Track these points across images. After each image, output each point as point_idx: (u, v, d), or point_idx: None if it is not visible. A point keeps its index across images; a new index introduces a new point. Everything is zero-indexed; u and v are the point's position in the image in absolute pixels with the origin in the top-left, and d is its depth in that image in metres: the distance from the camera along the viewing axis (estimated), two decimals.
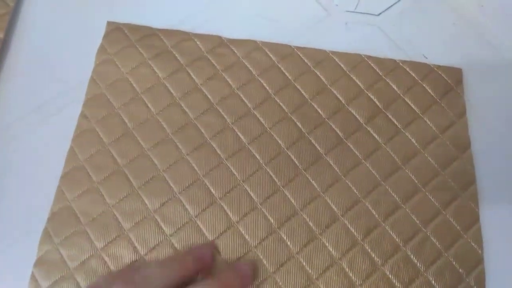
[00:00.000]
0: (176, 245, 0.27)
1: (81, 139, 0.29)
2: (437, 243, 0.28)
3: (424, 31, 0.35)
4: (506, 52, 0.34)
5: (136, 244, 0.27)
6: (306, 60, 0.32)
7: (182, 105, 0.31)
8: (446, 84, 0.32)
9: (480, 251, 0.28)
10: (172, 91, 0.31)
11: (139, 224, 0.27)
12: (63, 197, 0.28)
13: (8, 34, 0.32)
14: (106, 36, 0.32)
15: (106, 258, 0.26)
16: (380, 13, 0.35)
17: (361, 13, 0.35)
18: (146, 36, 0.32)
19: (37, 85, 0.31)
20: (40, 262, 0.26)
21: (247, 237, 0.27)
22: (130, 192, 0.28)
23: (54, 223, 0.27)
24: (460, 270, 0.27)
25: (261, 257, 0.27)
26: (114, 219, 0.27)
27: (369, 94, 0.32)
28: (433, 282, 0.27)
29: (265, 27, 0.34)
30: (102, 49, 0.31)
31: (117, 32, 0.32)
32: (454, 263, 0.27)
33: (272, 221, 0.28)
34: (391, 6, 0.35)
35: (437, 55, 0.34)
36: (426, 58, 0.33)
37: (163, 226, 0.27)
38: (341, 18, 0.35)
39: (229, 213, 0.28)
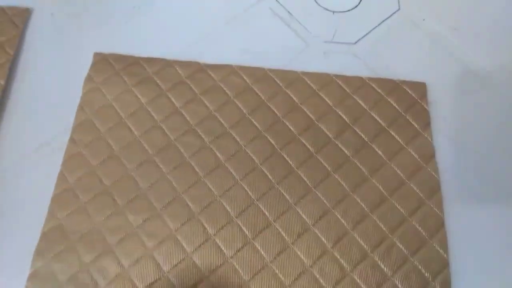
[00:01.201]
0: (157, 258, 0.29)
1: (70, 163, 0.32)
2: (404, 249, 0.29)
3: (399, 57, 0.37)
4: (478, 72, 0.36)
5: (121, 258, 0.29)
6: (278, 81, 0.35)
7: (163, 127, 0.33)
8: (411, 98, 0.34)
9: (445, 255, 0.29)
10: (153, 115, 0.33)
11: (123, 240, 0.29)
12: (54, 216, 0.30)
13: (8, 80, 0.35)
14: (92, 66, 0.35)
15: (93, 272, 0.28)
16: (357, 41, 0.37)
17: (338, 42, 0.37)
18: (130, 64, 0.35)
19: (38, 124, 0.33)
20: (33, 276, 0.28)
21: (223, 248, 0.29)
22: (115, 211, 0.30)
23: (46, 241, 0.29)
24: (426, 274, 0.28)
25: (237, 267, 0.29)
26: (100, 235, 0.29)
27: (337, 111, 0.34)
28: (399, 286, 0.28)
29: (248, 59, 0.36)
30: (89, 78, 0.34)
31: (103, 62, 0.35)
32: (420, 267, 0.29)
33: (247, 232, 0.30)
34: (366, 34, 0.37)
35: (413, 77, 0.35)
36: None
37: (145, 240, 0.29)
38: (320, 48, 0.37)
39: (206, 227, 0.30)
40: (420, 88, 0.35)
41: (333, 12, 0.38)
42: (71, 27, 0.37)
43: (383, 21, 0.38)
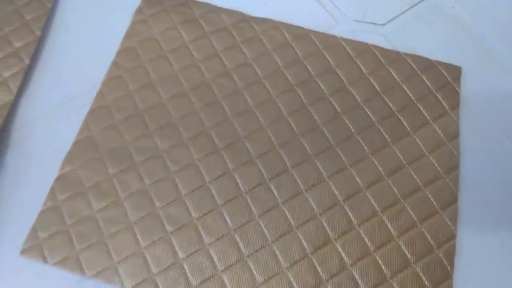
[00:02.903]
0: (177, 181, 0.30)
1: (109, 83, 0.34)
2: (413, 215, 0.30)
3: (426, 40, 0.37)
4: (503, 63, 0.36)
5: (144, 176, 0.30)
6: (317, 42, 0.36)
7: (201, 66, 0.35)
8: (444, 78, 0.35)
9: (453, 228, 0.29)
10: (194, 53, 0.35)
11: (148, 160, 0.31)
12: (87, 128, 0.32)
13: (46, 29, 0.36)
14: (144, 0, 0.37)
15: (117, 183, 0.30)
16: (385, 23, 0.38)
17: (367, 22, 0.38)
18: (179, 4, 0.37)
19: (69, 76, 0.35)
20: (60, 178, 0.30)
21: (240, 183, 0.30)
22: (145, 133, 0.32)
23: (77, 149, 0.31)
24: (432, 242, 0.29)
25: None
26: (128, 152, 0.31)
27: (370, 79, 0.35)
28: (403, 247, 0.29)
29: None
30: (139, 10, 0.36)
31: None
32: (427, 234, 0.29)
33: (264, 172, 0.31)
34: (396, 17, 0.38)
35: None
36: None
37: (169, 165, 0.31)
38: (349, 27, 0.38)
39: (227, 162, 0.31)
40: (455, 70, 0.35)
41: None
42: None
43: (413, 6, 0.39)
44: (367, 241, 0.29)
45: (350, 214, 0.30)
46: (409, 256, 0.29)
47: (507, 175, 0.32)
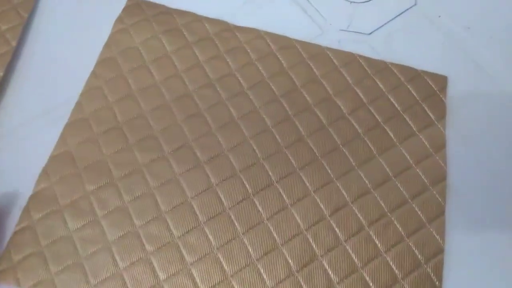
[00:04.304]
0: (157, 197, 0.29)
1: (88, 95, 0.32)
2: (401, 229, 0.29)
3: (412, 49, 0.37)
4: (491, 72, 0.36)
5: (122, 193, 0.29)
6: (302, 52, 0.35)
7: (184, 77, 0.34)
8: (430, 88, 0.34)
9: (441, 242, 0.29)
10: (176, 64, 0.34)
11: (128, 175, 0.30)
12: (65, 142, 0.31)
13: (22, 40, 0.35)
14: (125, 8, 0.36)
15: (94, 201, 0.29)
16: (371, 32, 0.37)
17: (353, 32, 0.37)
18: (161, 13, 0.36)
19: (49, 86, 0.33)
20: (35, 196, 0.29)
21: (223, 199, 0.29)
22: (124, 147, 0.31)
23: (53, 164, 0.30)
24: (419, 257, 0.28)
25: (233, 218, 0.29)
26: (107, 167, 0.30)
27: (355, 89, 0.34)
28: (391, 263, 0.28)
29: None
30: (119, 19, 0.35)
31: (135, 6, 0.36)
32: (414, 249, 0.29)
33: (248, 187, 0.30)
34: (382, 26, 0.38)
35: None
36: None
37: (149, 179, 0.30)
38: (334, 36, 0.37)
39: (210, 175, 0.30)
40: (441, 80, 0.35)
41: (350, 2, 0.39)
42: None
43: (399, 14, 0.38)
44: (354, 257, 0.28)
45: (336, 229, 0.29)
46: (396, 271, 0.28)
47: (495, 186, 0.31)
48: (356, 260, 0.28)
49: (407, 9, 0.39)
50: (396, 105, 0.34)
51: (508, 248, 0.29)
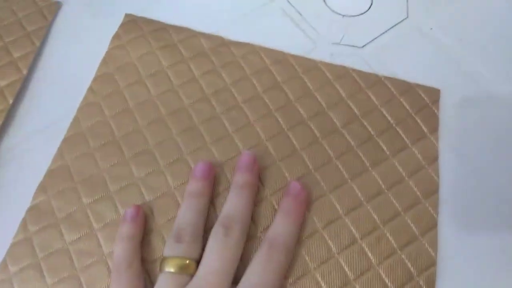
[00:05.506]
0: (153, 210, 0.30)
1: (85, 110, 0.33)
2: (393, 241, 0.29)
3: (405, 62, 0.37)
4: (483, 84, 0.36)
5: (118, 206, 0.30)
6: (296, 66, 0.36)
7: (179, 92, 0.34)
8: (423, 101, 0.35)
9: (434, 255, 0.29)
10: (172, 79, 0.35)
11: (123, 188, 0.30)
12: (62, 157, 0.31)
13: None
14: (122, 25, 0.36)
15: (90, 214, 0.29)
16: (364, 45, 0.38)
17: (346, 45, 0.38)
18: (157, 29, 0.37)
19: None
20: (32, 209, 0.29)
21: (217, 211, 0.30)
22: (120, 160, 0.31)
23: (51, 178, 0.30)
24: (412, 269, 0.28)
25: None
26: (103, 181, 0.31)
27: (349, 102, 0.34)
28: (383, 275, 0.28)
29: None
30: (116, 36, 0.36)
31: (132, 23, 0.37)
32: (407, 261, 0.29)
33: None
34: (374, 39, 0.38)
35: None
36: None
37: (144, 193, 0.30)
38: (327, 49, 0.38)
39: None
40: (434, 93, 0.35)
41: (343, 15, 0.39)
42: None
43: (391, 27, 0.39)
44: (346, 270, 0.28)
45: (329, 241, 0.29)
46: (389, 284, 0.28)
47: (487, 199, 0.32)
48: (348, 273, 0.28)
49: (399, 22, 0.39)
50: (389, 118, 0.34)
51: (501, 260, 0.30)
